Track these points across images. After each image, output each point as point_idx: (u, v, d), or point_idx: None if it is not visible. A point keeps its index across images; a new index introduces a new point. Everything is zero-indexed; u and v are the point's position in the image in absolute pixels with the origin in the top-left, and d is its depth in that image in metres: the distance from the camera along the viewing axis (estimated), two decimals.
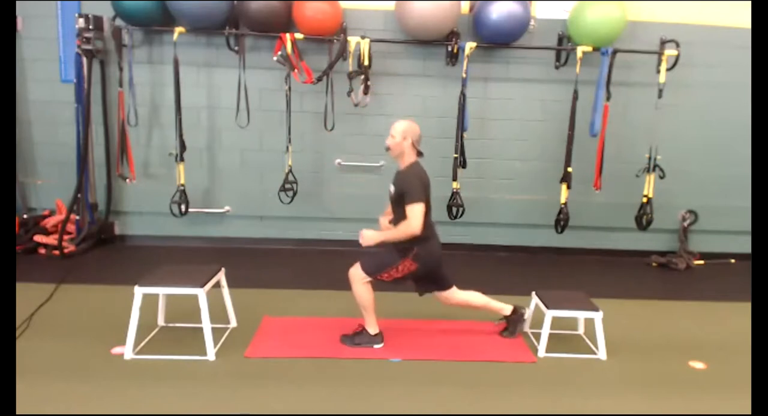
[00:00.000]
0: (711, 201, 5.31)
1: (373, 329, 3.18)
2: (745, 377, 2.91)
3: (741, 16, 4.99)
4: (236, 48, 4.83)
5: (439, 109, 5.11)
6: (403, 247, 3.05)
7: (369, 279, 3.08)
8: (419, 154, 3.12)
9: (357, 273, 3.10)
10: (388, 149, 3.10)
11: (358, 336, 3.20)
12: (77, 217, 4.98)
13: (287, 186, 5.03)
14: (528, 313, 3.38)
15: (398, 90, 5.13)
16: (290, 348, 3.14)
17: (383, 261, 3.08)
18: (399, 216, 3.06)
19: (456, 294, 3.29)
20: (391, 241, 3.04)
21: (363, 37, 4.70)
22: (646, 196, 4.95)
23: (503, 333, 3.37)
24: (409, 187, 2.98)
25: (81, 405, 2.50)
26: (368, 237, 3.03)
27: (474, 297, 3.32)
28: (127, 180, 4.98)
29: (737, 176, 5.24)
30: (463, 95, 4.78)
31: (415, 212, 2.93)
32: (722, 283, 4.76)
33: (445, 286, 3.27)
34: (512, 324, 3.36)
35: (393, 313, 3.43)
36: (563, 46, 4.96)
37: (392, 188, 3.11)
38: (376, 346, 3.17)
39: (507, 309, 3.35)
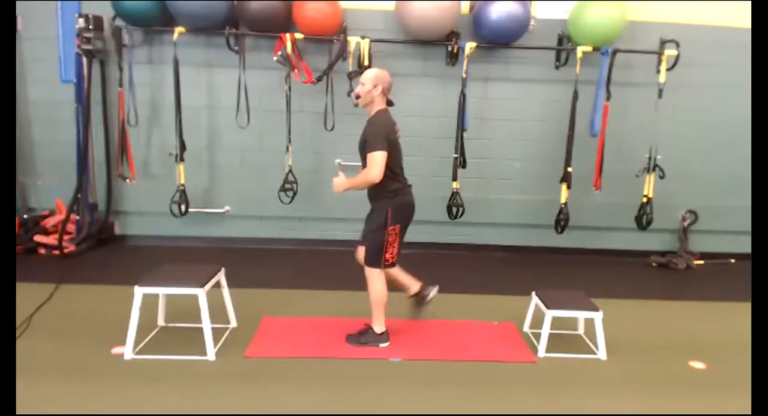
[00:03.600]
0: (711, 201, 5.31)
1: (379, 327, 3.19)
2: (745, 377, 2.91)
3: (741, 16, 4.99)
4: (236, 48, 4.82)
5: (439, 109, 5.11)
6: (380, 213, 3.06)
7: (381, 269, 3.10)
8: (389, 103, 3.10)
9: (369, 271, 3.13)
10: (358, 97, 3.05)
11: (363, 335, 3.21)
12: (77, 217, 4.98)
13: (287, 186, 5.03)
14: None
15: (398, 90, 5.08)
16: (290, 348, 3.15)
17: (376, 243, 3.08)
18: (365, 164, 3.04)
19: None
20: (354, 188, 3.06)
21: (363, 37, 4.70)
22: (646, 196, 4.95)
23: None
24: (371, 135, 2.96)
25: (81, 405, 2.50)
26: (337, 184, 3.09)
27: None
28: (127, 180, 4.98)
29: (737, 176, 5.24)
30: (463, 95, 4.78)
31: (375, 160, 2.92)
32: (722, 283, 4.76)
33: None
34: (417, 302, 3.39)
35: (393, 313, 3.43)
36: (563, 46, 4.96)
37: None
38: (382, 345, 3.18)
39: (415, 286, 3.37)
